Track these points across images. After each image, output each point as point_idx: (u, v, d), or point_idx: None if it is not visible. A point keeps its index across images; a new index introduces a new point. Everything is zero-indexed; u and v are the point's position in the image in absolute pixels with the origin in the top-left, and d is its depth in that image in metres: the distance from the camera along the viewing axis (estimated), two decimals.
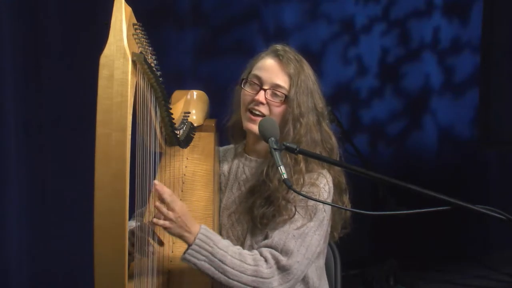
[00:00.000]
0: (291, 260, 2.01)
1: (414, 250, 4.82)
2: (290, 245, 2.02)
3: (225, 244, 1.98)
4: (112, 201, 1.64)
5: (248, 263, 1.98)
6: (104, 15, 1.73)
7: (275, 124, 2.00)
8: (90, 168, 1.66)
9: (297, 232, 2.04)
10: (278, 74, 2.13)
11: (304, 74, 2.14)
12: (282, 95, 2.12)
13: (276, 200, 2.06)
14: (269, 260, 2.00)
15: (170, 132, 2.07)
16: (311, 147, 2.11)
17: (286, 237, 2.03)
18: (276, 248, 2.02)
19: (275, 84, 2.12)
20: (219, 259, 1.94)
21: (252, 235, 2.11)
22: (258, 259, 1.99)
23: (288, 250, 2.01)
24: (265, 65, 2.16)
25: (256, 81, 2.15)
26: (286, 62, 2.13)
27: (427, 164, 5.20)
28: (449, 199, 1.70)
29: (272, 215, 2.07)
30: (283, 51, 2.16)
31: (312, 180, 2.10)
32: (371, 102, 5.08)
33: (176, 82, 3.93)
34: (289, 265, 2.01)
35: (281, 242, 2.02)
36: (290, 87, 2.12)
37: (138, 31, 1.73)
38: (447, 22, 5.18)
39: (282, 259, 2.00)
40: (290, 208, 2.06)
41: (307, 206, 2.06)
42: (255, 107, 2.13)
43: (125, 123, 1.65)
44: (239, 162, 2.26)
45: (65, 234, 3.69)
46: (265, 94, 2.12)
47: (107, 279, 1.68)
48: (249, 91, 2.15)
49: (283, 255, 2.01)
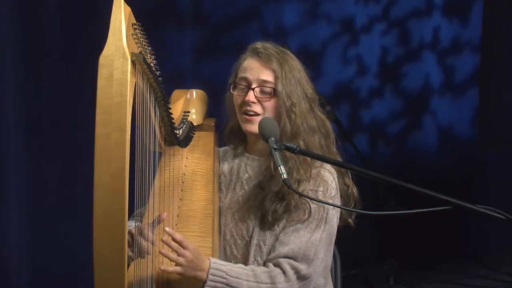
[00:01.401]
0: (311, 268, 2.03)
1: (414, 250, 4.81)
2: (310, 254, 2.03)
3: (238, 271, 1.98)
4: (112, 200, 1.64)
5: (265, 282, 1.99)
6: (103, 15, 1.73)
7: (274, 124, 2.01)
8: (89, 168, 1.66)
9: (315, 239, 2.05)
10: (262, 70, 2.15)
11: (288, 65, 2.16)
12: (270, 90, 2.14)
13: (287, 196, 2.07)
14: (288, 273, 2.01)
15: (169, 131, 2.07)
16: (310, 135, 2.13)
17: (305, 246, 2.04)
18: (295, 258, 2.02)
19: (261, 80, 2.14)
20: (235, 287, 1.95)
21: (260, 233, 2.10)
22: (275, 275, 2.00)
23: (308, 258, 2.03)
24: (248, 65, 2.18)
25: (243, 82, 2.17)
26: (267, 58, 2.15)
27: (427, 164, 5.19)
28: (449, 199, 1.70)
29: (283, 212, 2.07)
30: (262, 48, 2.19)
31: (317, 175, 2.12)
32: (371, 102, 5.08)
33: (175, 82, 3.92)
34: (310, 273, 2.03)
35: (301, 251, 2.03)
36: (276, 80, 2.14)
37: (138, 31, 1.73)
38: (447, 22, 5.18)
39: (303, 269, 2.02)
40: (303, 208, 2.07)
41: (318, 203, 2.07)
42: (247, 108, 2.14)
43: (124, 123, 1.65)
44: (240, 161, 2.26)
45: (65, 234, 3.69)
46: (254, 92, 2.14)
47: (107, 278, 1.68)
48: (239, 94, 2.18)
49: (302, 264, 2.02)
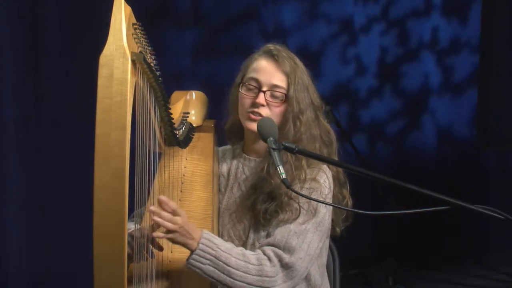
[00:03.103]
0: (294, 257, 2.01)
1: (413, 249, 4.82)
2: (292, 243, 2.02)
3: (228, 247, 1.98)
4: (112, 200, 1.64)
5: (252, 263, 1.98)
6: (104, 14, 1.73)
7: (273, 124, 2.01)
8: (89, 168, 1.66)
9: (299, 229, 2.04)
10: (275, 74, 2.12)
11: (299, 70, 2.14)
12: (281, 95, 2.12)
13: (279, 197, 2.07)
14: (272, 259, 2.00)
15: (169, 132, 2.07)
16: (311, 143, 2.12)
17: (288, 235, 2.03)
18: (278, 246, 2.02)
19: (274, 85, 2.11)
20: (223, 261, 1.94)
21: (255, 232, 2.11)
22: (262, 258, 2.00)
23: (290, 247, 2.02)
24: (261, 66, 2.14)
25: (254, 83, 2.13)
26: (282, 61, 2.12)
27: (426, 163, 5.20)
28: (448, 199, 1.70)
29: (275, 211, 2.07)
30: (277, 50, 2.15)
31: (313, 175, 2.11)
32: (370, 102, 5.09)
33: (175, 82, 3.93)
34: (292, 262, 2.01)
35: (283, 239, 2.02)
36: (289, 85, 2.11)
37: (138, 31, 1.74)
38: (446, 22, 5.18)
39: (285, 257, 2.01)
40: (293, 206, 2.07)
41: (309, 202, 2.06)
42: (255, 109, 2.12)
43: (124, 122, 1.65)
44: (238, 162, 2.26)
45: (65, 233, 3.69)
46: (264, 95, 2.11)
47: (107, 278, 1.68)
48: (247, 95, 2.14)
49: (285, 252, 2.01)
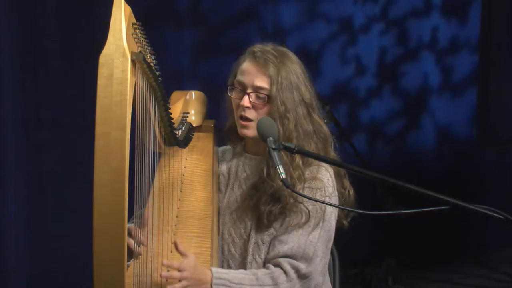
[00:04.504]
0: (311, 267, 2.03)
1: (413, 249, 4.82)
2: (309, 252, 2.04)
3: (240, 277, 1.99)
4: (112, 199, 1.65)
5: (267, 284, 2.00)
6: (103, 14, 1.73)
7: (273, 124, 2.00)
8: (89, 167, 1.66)
9: (313, 236, 2.05)
10: (257, 76, 2.12)
11: (286, 69, 2.12)
12: (264, 96, 2.12)
13: (283, 198, 2.06)
14: (289, 272, 2.01)
15: (169, 132, 2.08)
16: (305, 140, 2.11)
17: (304, 244, 2.04)
18: (295, 257, 2.03)
19: (256, 86, 2.12)
20: None
21: (257, 232, 2.11)
22: (277, 276, 2.01)
23: (308, 257, 2.03)
24: (245, 68, 2.15)
25: (239, 86, 2.15)
26: (264, 63, 2.12)
27: (425, 163, 5.20)
28: (448, 199, 1.70)
29: (280, 213, 2.07)
30: (261, 51, 2.14)
31: (314, 173, 2.11)
32: (369, 102, 5.08)
33: (174, 82, 3.93)
34: (310, 272, 2.03)
35: (300, 250, 2.04)
36: (271, 86, 2.10)
37: (138, 31, 1.74)
38: (446, 21, 5.18)
39: (303, 267, 2.02)
40: (300, 208, 2.06)
41: (314, 202, 2.06)
42: (242, 113, 2.13)
43: (124, 122, 1.65)
44: (238, 161, 2.26)
45: (64, 233, 3.69)
46: (249, 97, 2.12)
47: (107, 278, 1.68)
48: (235, 97, 2.16)
49: (303, 262, 2.03)
